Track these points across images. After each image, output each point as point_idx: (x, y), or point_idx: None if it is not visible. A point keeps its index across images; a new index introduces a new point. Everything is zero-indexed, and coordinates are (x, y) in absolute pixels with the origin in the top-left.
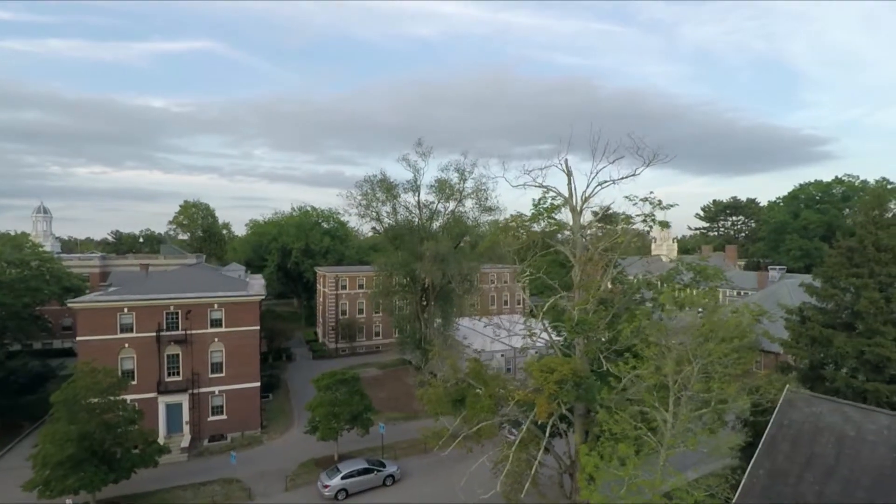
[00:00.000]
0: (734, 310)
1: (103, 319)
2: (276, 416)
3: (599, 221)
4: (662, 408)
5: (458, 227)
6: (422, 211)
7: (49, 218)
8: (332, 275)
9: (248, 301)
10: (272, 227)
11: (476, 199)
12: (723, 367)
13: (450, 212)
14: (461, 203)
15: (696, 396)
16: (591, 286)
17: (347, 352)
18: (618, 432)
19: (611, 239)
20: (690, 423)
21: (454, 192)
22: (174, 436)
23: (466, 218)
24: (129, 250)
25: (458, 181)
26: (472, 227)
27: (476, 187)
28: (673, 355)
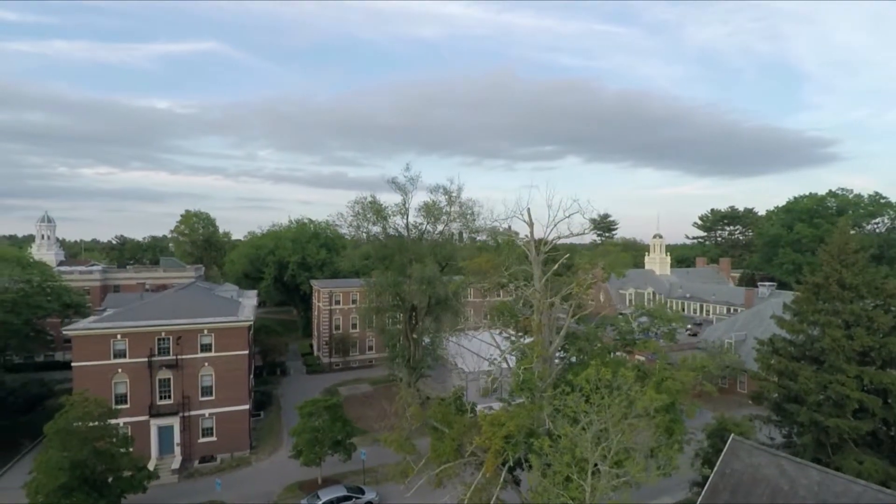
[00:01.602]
0: (682, 359)
1: (97, 346)
2: (266, 435)
3: (556, 273)
4: (580, 479)
5: (446, 248)
6: (410, 233)
7: (53, 227)
8: (326, 290)
9: (237, 326)
10: (269, 240)
11: (463, 221)
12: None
13: (438, 233)
14: (448, 226)
15: (613, 471)
16: (535, 346)
17: (341, 366)
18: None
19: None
20: (612, 492)
21: (442, 215)
22: (166, 457)
23: (454, 240)
24: (132, 257)
25: (447, 204)
26: (460, 248)
27: (462, 211)
28: (589, 434)
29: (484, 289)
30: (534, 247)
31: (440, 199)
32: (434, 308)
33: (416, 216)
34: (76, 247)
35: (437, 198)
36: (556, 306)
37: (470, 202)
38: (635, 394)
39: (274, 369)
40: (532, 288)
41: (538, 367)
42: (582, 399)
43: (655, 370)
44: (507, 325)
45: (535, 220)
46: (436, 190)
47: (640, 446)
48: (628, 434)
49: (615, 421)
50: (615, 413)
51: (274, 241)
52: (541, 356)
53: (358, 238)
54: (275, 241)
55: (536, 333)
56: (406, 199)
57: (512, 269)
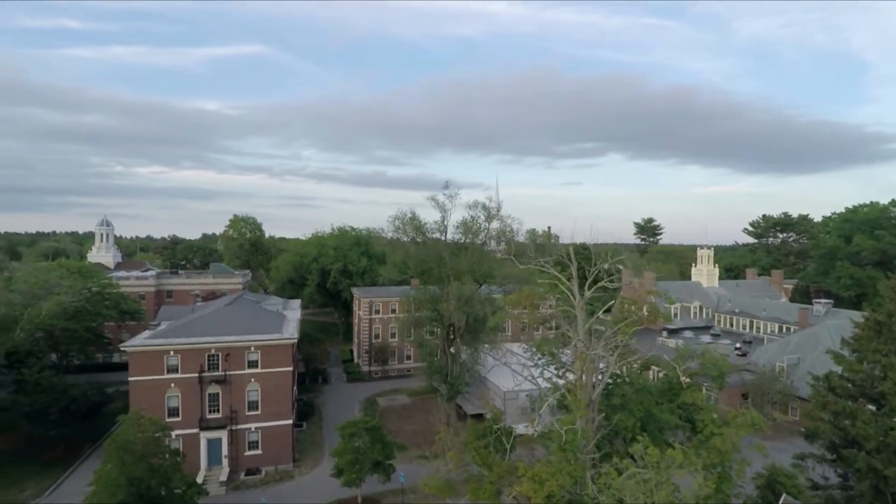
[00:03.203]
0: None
1: (152, 361)
2: (308, 448)
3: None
4: None
5: (484, 266)
6: (448, 249)
7: (111, 229)
8: (367, 299)
9: (282, 344)
10: (313, 248)
11: (503, 239)
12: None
13: (476, 250)
14: (486, 243)
15: None
16: (579, 403)
17: (380, 374)
18: None
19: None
20: None
21: (480, 231)
22: (214, 468)
23: (492, 258)
24: (184, 258)
25: (485, 219)
26: (498, 266)
27: (502, 228)
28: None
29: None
30: (577, 286)
31: (479, 215)
32: (472, 326)
33: (455, 232)
34: (132, 245)
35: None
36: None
37: (509, 218)
38: (682, 471)
39: (316, 377)
40: (575, 337)
41: (581, 425)
42: (628, 482)
43: (702, 425)
44: (548, 364)
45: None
46: (474, 206)
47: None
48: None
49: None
50: (661, 498)
51: (317, 248)
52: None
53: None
54: (318, 249)
55: (579, 392)
56: (445, 216)
57: (553, 310)
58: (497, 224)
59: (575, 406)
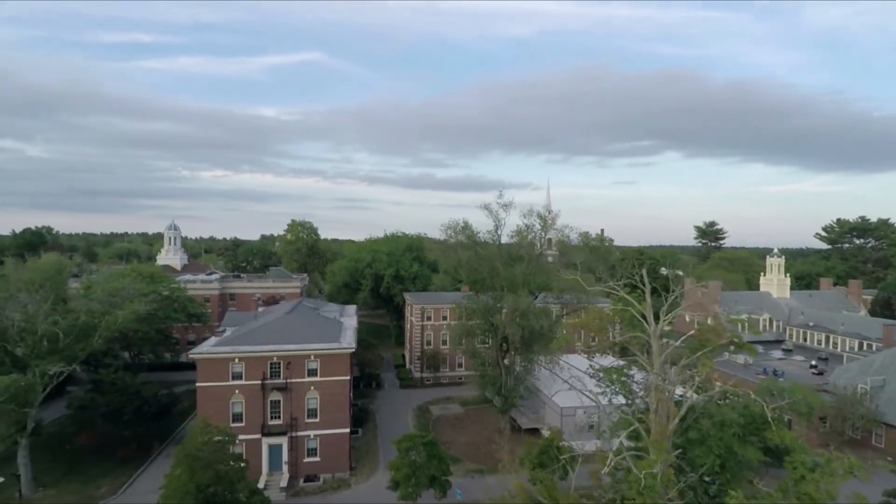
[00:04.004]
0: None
1: (218, 368)
2: (364, 456)
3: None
4: None
5: (539, 277)
6: (502, 259)
7: (178, 234)
8: (419, 306)
9: (340, 353)
10: (366, 254)
11: (559, 250)
12: None
13: (532, 260)
14: (542, 253)
15: None
16: (658, 446)
17: (431, 381)
18: None
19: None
20: None
21: (535, 240)
22: (275, 474)
23: (548, 268)
24: (245, 260)
25: (541, 228)
26: (555, 277)
27: (559, 238)
28: None
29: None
30: (651, 313)
31: (534, 224)
32: (527, 338)
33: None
34: (197, 246)
35: (530, 221)
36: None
37: (567, 228)
38: None
39: (370, 382)
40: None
41: (660, 469)
42: None
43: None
44: (617, 393)
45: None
46: (529, 214)
47: None
48: None
49: None
50: None
51: (371, 254)
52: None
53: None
54: (371, 255)
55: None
56: (498, 225)
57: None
58: (554, 234)
59: (654, 449)
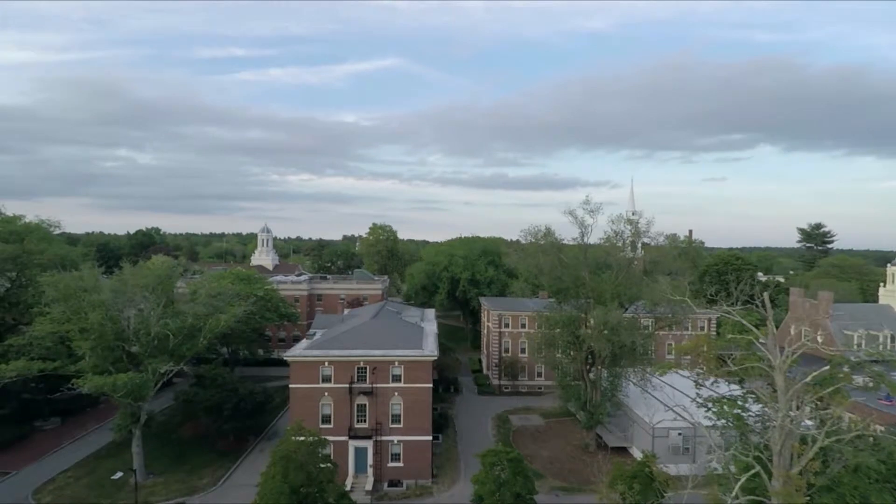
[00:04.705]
0: None
1: (309, 371)
2: (445, 463)
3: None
4: None
5: (631, 289)
6: (588, 268)
7: (270, 236)
8: (496, 312)
9: (423, 360)
10: (443, 258)
11: (651, 257)
12: None
13: (621, 269)
14: (634, 263)
15: None
16: (789, 496)
17: (510, 389)
18: None
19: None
20: None
21: (626, 248)
22: (360, 476)
23: (639, 278)
24: (329, 261)
25: (632, 234)
26: (648, 287)
27: (657, 246)
28: None
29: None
30: (775, 344)
31: (624, 230)
32: (616, 352)
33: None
34: (285, 247)
35: (619, 227)
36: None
37: (661, 236)
38: None
39: (448, 387)
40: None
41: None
42: None
43: None
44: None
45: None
46: (618, 220)
47: None
48: None
49: None
50: None
51: (447, 258)
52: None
53: (530, 268)
54: (448, 259)
55: (779, 477)
56: (584, 232)
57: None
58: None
59: (783, 496)
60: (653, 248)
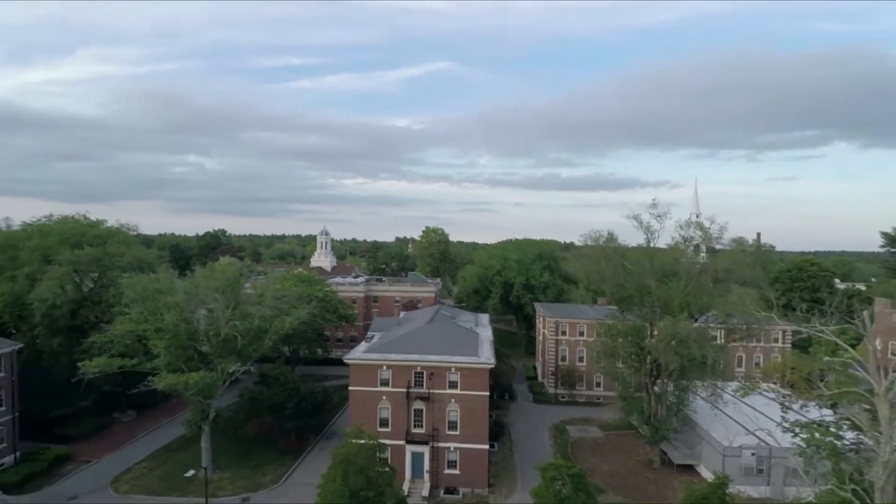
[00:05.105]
0: None
1: (368, 374)
2: (501, 472)
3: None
4: None
5: (702, 299)
6: (654, 276)
7: (329, 239)
8: (553, 319)
9: (480, 368)
10: (496, 262)
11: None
12: None
13: (691, 278)
14: (706, 271)
15: None
16: None
17: (566, 399)
18: None
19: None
20: None
21: (697, 255)
22: (417, 481)
23: (711, 289)
24: (384, 263)
25: (702, 239)
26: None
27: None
28: None
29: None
30: (878, 367)
31: (693, 236)
32: (685, 365)
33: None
34: (342, 248)
35: (688, 233)
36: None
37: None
38: None
39: (503, 393)
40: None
41: None
42: None
43: None
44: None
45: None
46: (686, 226)
47: None
48: None
49: None
50: None
51: (501, 261)
52: None
53: (591, 274)
54: (501, 262)
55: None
56: (650, 237)
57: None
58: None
59: None
60: (725, 253)
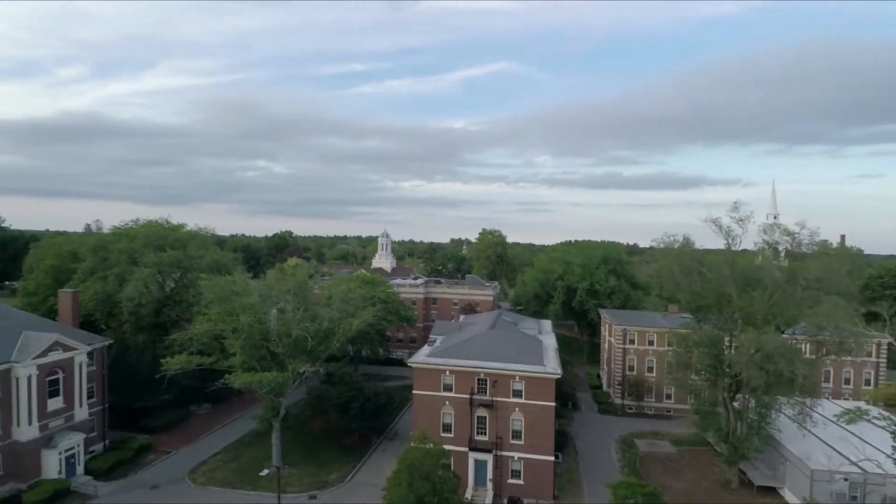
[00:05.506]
0: None
1: (432, 378)
2: (566, 484)
3: None
4: None
5: (790, 310)
6: (736, 284)
7: (389, 241)
8: (620, 327)
9: (546, 378)
10: (558, 266)
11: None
12: None
13: (776, 287)
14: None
15: None
16: None
17: (634, 410)
18: None
19: None
20: None
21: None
22: (479, 489)
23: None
24: (441, 264)
25: (792, 244)
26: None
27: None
28: None
29: None
30: None
31: (781, 241)
32: (771, 383)
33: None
34: (400, 249)
35: (773, 238)
36: None
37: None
38: None
39: (566, 402)
40: None
41: None
42: None
43: None
44: None
45: None
46: (771, 230)
47: None
48: None
49: None
50: None
51: (563, 265)
52: None
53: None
54: (563, 266)
55: None
56: (732, 243)
57: None
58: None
59: None
60: (814, 260)
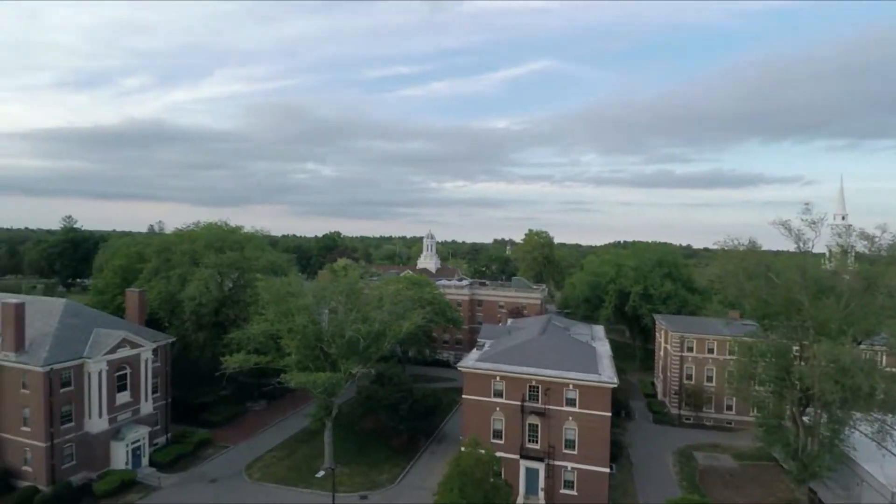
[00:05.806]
0: None
1: (482, 383)
2: (621, 497)
3: None
4: None
5: (868, 320)
6: (808, 291)
7: (434, 242)
8: (678, 334)
9: (601, 387)
10: (610, 268)
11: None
12: None
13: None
14: (875, 287)
15: None
16: None
17: (692, 421)
18: None
19: None
20: None
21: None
22: (531, 497)
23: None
24: (484, 265)
25: (870, 248)
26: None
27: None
28: None
29: None
30: None
31: (857, 245)
32: (848, 398)
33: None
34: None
35: (847, 242)
36: None
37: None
38: None
39: (619, 410)
40: None
41: None
42: None
43: None
44: None
45: None
46: (846, 232)
47: None
48: None
49: None
50: None
51: (615, 268)
52: None
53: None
54: (616, 269)
55: None
56: (802, 247)
57: None
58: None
59: None
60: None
